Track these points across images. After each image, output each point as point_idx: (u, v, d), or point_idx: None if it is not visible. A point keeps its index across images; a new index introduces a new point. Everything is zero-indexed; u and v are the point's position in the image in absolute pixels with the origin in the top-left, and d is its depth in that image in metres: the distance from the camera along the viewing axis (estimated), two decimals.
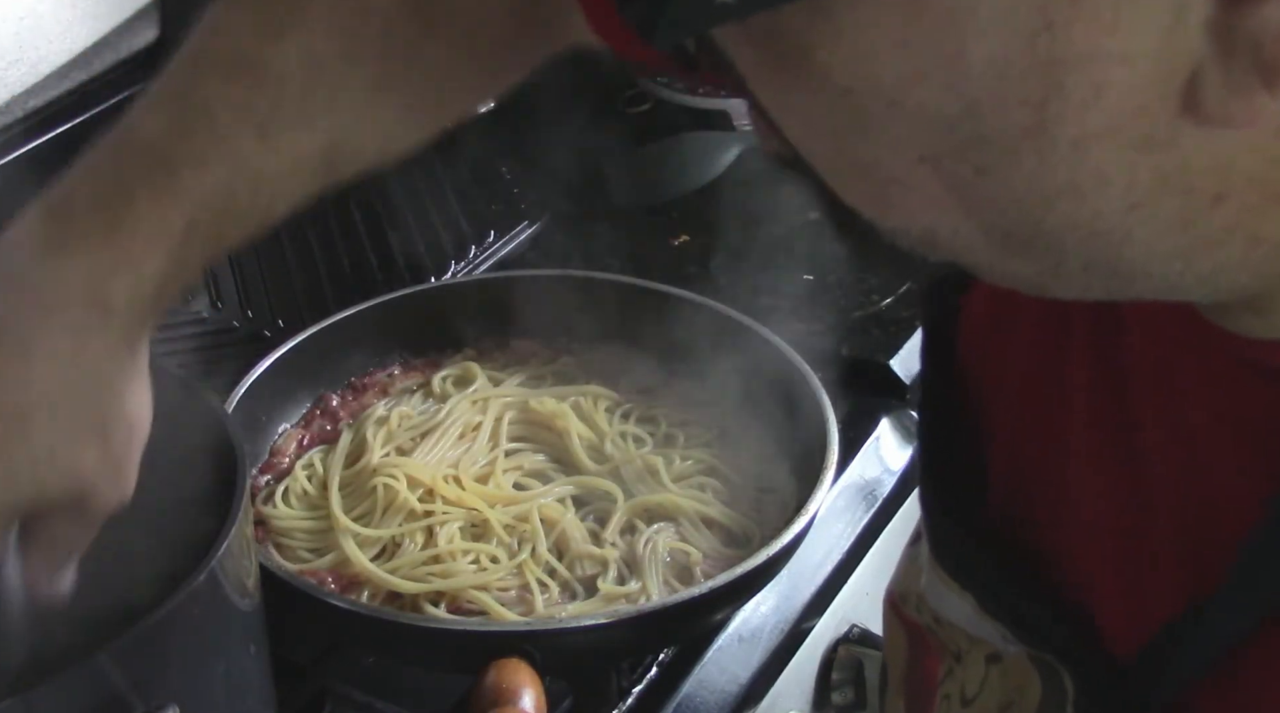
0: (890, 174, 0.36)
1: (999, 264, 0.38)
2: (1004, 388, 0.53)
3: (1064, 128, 0.33)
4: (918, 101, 0.33)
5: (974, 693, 0.54)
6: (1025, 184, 0.34)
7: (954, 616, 0.54)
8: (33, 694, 0.52)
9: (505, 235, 1.10)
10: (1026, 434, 0.52)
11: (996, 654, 0.52)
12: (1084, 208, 0.34)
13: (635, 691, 0.78)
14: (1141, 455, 0.45)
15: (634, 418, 0.89)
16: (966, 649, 0.54)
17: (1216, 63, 0.31)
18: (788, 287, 1.07)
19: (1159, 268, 0.36)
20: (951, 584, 0.53)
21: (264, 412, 0.87)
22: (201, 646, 0.58)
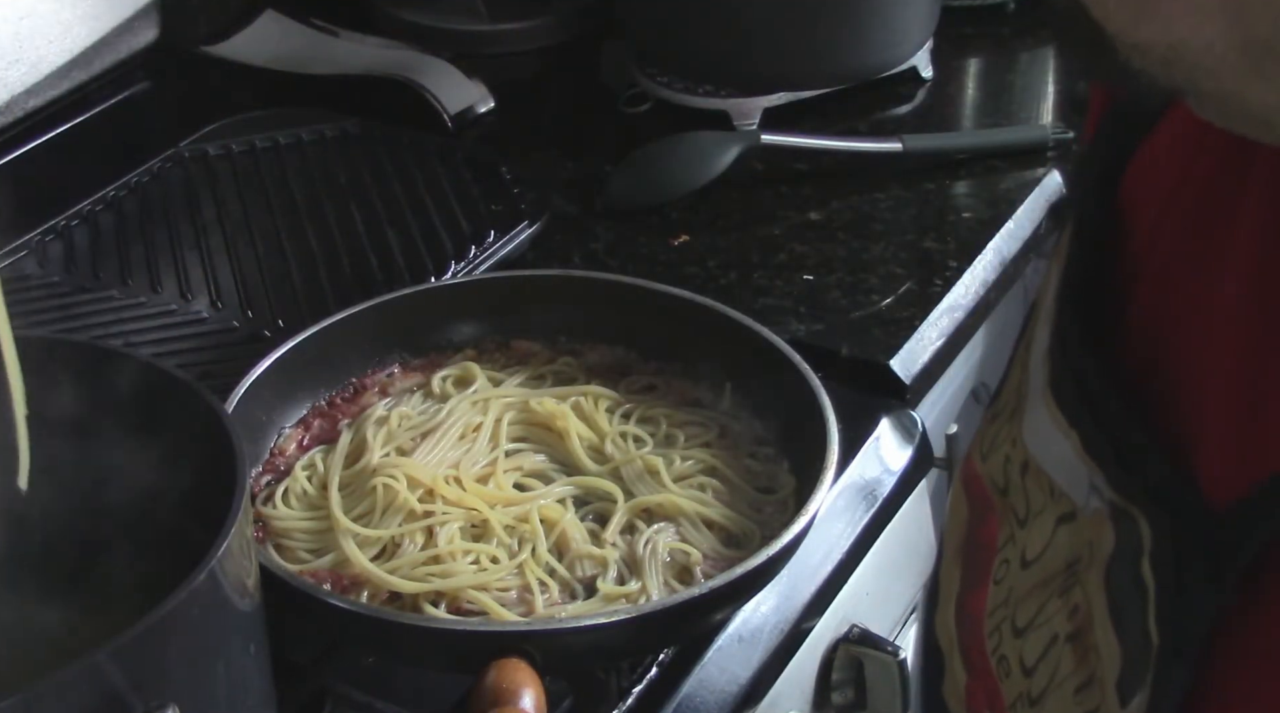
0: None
1: (1240, 89, 0.37)
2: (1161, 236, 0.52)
3: None
4: None
5: (1035, 555, 0.54)
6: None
7: (1048, 461, 0.53)
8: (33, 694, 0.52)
9: (505, 235, 1.10)
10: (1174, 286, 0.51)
11: (1071, 513, 0.52)
12: None
13: (635, 691, 0.78)
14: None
15: (634, 418, 0.89)
16: (1038, 509, 0.53)
17: None
18: (788, 287, 1.07)
19: None
20: (1060, 422, 0.52)
21: (264, 412, 0.87)
22: (201, 646, 0.58)
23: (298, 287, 1.06)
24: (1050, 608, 0.53)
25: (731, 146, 1.17)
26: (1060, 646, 0.52)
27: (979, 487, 0.59)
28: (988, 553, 0.57)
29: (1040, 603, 0.53)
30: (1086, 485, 0.51)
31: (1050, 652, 0.53)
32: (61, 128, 1.16)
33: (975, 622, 0.58)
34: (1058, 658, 0.52)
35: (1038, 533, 0.53)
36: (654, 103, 1.30)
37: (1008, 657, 0.56)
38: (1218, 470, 0.46)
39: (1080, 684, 0.51)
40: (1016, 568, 0.55)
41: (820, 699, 0.89)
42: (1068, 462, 0.52)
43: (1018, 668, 0.55)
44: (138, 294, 1.06)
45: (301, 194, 1.18)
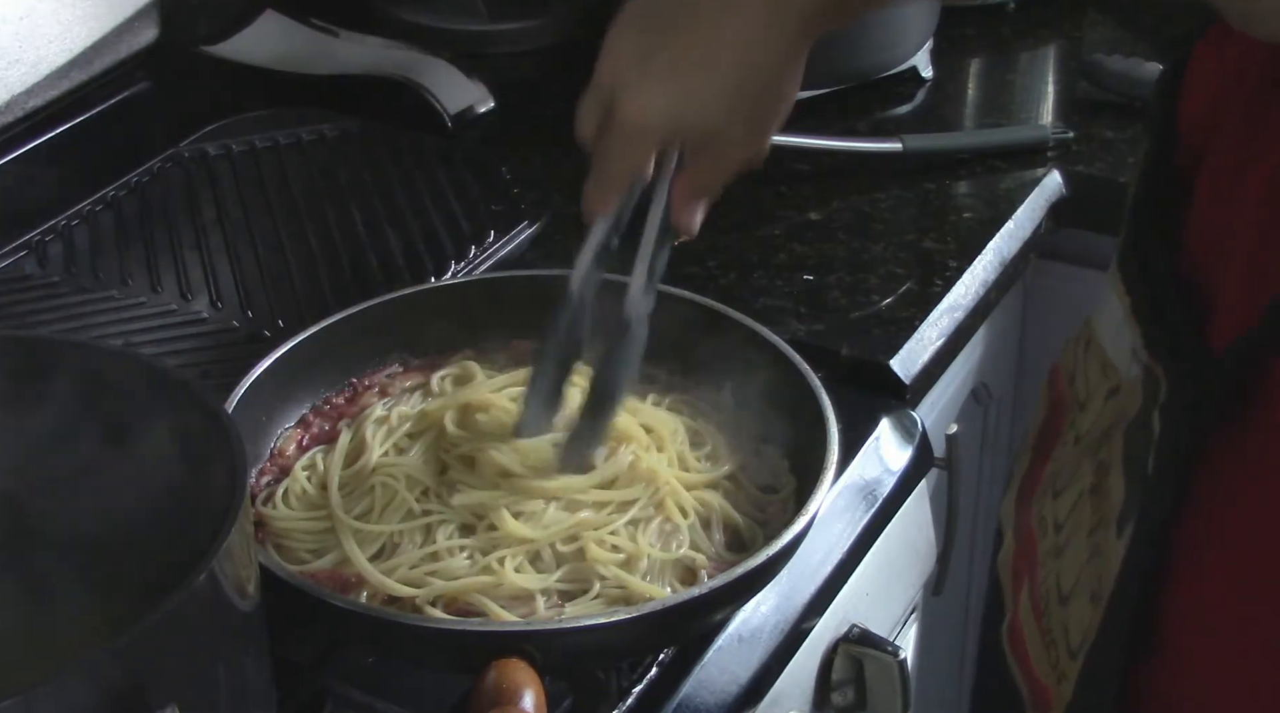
0: None
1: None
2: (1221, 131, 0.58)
3: None
4: None
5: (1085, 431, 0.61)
6: None
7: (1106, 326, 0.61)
8: (33, 694, 0.52)
9: (505, 235, 1.10)
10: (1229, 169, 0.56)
11: (1116, 388, 0.58)
12: None
13: (635, 691, 0.78)
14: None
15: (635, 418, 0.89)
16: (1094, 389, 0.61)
17: None
18: (787, 287, 1.07)
19: None
20: (1119, 287, 0.60)
21: (264, 412, 0.87)
22: (201, 646, 0.58)
23: (298, 287, 1.06)
24: (1084, 468, 0.60)
25: None
26: (1084, 498, 0.59)
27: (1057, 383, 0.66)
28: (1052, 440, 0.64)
29: (1077, 466, 0.60)
30: (1129, 351, 0.57)
31: (1077, 506, 0.59)
32: (61, 128, 1.16)
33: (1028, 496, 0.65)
34: (1081, 510, 0.59)
35: (1091, 411, 0.60)
36: None
37: (1045, 518, 0.63)
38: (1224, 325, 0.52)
39: (1093, 527, 0.57)
40: (1070, 445, 0.62)
41: (820, 699, 0.89)
42: (1118, 327, 0.59)
43: (1052, 526, 0.62)
44: (138, 294, 1.06)
45: (301, 194, 1.18)
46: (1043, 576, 0.62)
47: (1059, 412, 0.66)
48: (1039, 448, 0.67)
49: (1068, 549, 0.60)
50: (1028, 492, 0.66)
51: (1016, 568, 0.66)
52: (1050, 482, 0.63)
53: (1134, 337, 0.58)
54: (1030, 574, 0.63)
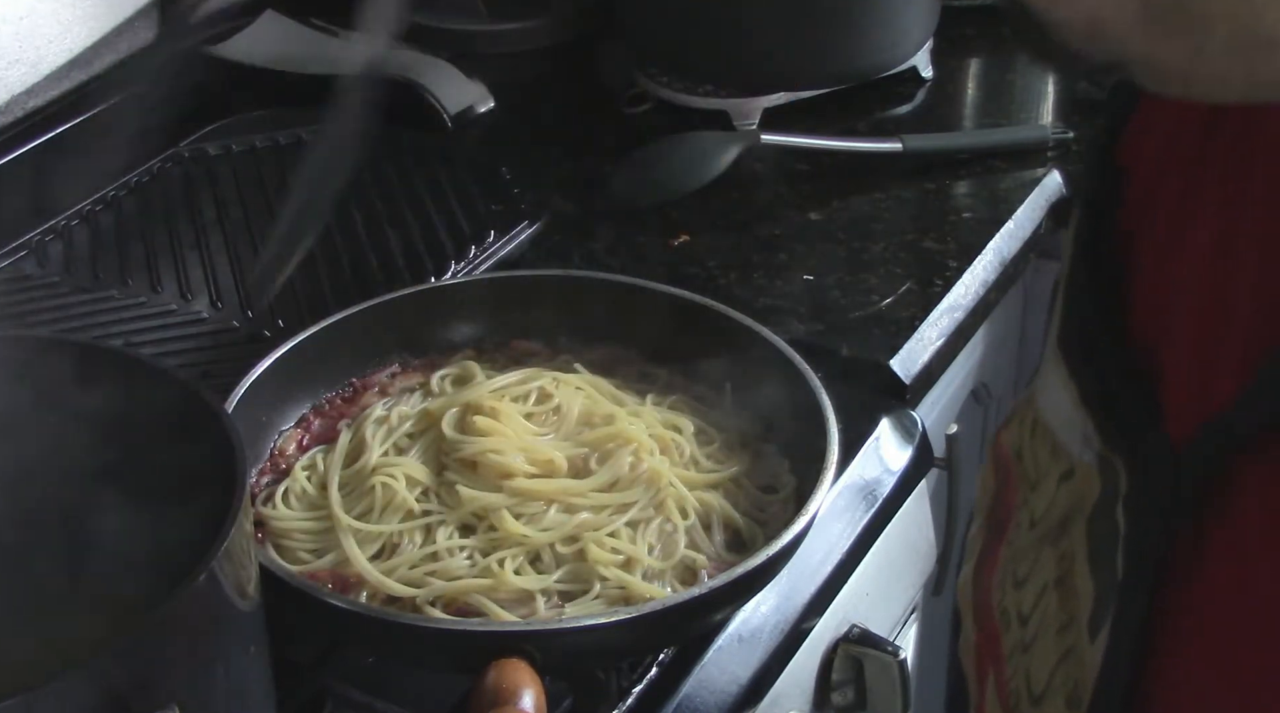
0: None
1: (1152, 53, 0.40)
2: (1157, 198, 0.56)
3: None
4: None
5: (1040, 515, 0.57)
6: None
7: (1053, 412, 0.57)
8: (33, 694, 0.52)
9: (505, 235, 1.10)
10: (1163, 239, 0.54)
11: (1069, 471, 0.55)
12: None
13: (635, 691, 0.78)
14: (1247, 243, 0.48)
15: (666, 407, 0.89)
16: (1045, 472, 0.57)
17: None
18: (788, 287, 1.07)
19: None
20: (1062, 373, 0.56)
21: (264, 412, 0.87)
22: (201, 646, 0.58)
23: (298, 287, 1.06)
24: (1044, 558, 0.56)
25: (731, 146, 1.17)
26: (1049, 592, 0.56)
27: (1004, 457, 0.62)
28: (1005, 518, 0.61)
29: (1037, 555, 0.57)
30: (1080, 438, 0.54)
31: (1041, 600, 0.56)
32: (61, 128, 1.16)
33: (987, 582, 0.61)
34: (1047, 605, 0.56)
35: (1044, 493, 0.57)
36: (654, 103, 1.30)
37: (1009, 609, 0.59)
38: (1180, 412, 0.50)
39: (1061, 626, 0.54)
40: (1025, 529, 0.58)
41: (820, 699, 0.89)
42: (1067, 414, 0.55)
43: (1015, 619, 0.59)
44: (138, 294, 1.06)
45: None
46: (1010, 671, 0.59)
47: (1009, 487, 0.62)
48: (993, 525, 0.64)
49: (1036, 646, 0.57)
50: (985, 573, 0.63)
51: (980, 659, 0.63)
52: (1009, 568, 0.60)
53: (1084, 424, 0.55)
54: (996, 668, 0.61)
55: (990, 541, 0.63)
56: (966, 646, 0.65)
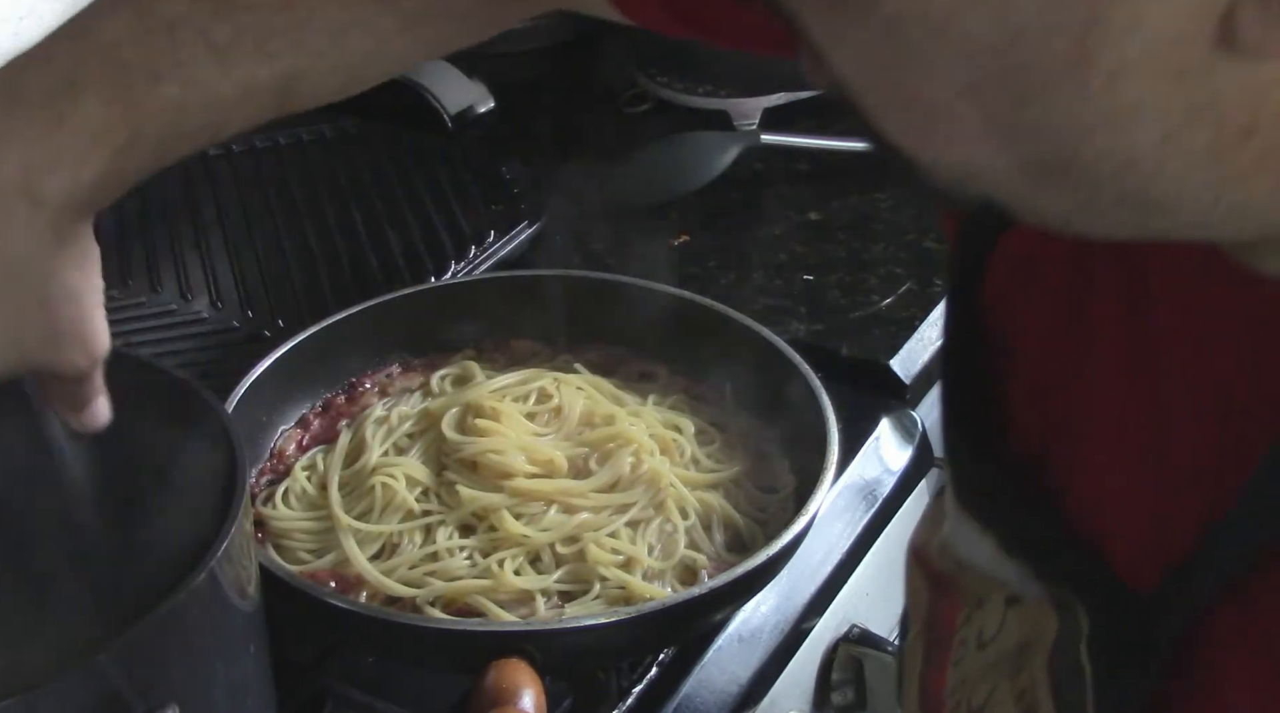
0: (932, 105, 0.37)
1: (1032, 199, 0.39)
2: (1027, 333, 0.54)
3: (1102, 58, 0.33)
4: (963, 29, 0.34)
5: (991, 636, 0.54)
6: (1063, 114, 0.35)
7: (976, 559, 0.54)
8: (33, 695, 0.52)
9: (505, 235, 1.10)
10: (1047, 377, 0.52)
11: (1015, 597, 0.52)
12: (1119, 138, 0.35)
13: (635, 691, 0.78)
14: (1162, 388, 0.46)
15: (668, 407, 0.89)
16: (987, 594, 0.54)
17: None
18: (788, 287, 1.07)
19: (1189, 202, 0.37)
20: (973, 524, 0.54)
21: (264, 412, 0.87)
22: (201, 646, 0.58)
23: (298, 287, 1.06)
24: (1001, 690, 0.53)
25: (731, 146, 1.17)
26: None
27: (932, 569, 0.59)
28: (948, 631, 0.57)
29: (993, 685, 0.54)
30: (1017, 577, 0.52)
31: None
32: None
33: (936, 701, 0.58)
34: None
35: (991, 614, 0.54)
36: (654, 103, 1.30)
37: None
38: (1130, 557, 0.47)
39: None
40: (973, 649, 0.55)
41: (820, 699, 0.89)
42: (993, 559, 0.53)
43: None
44: (138, 294, 1.06)
45: (301, 194, 1.18)
46: None
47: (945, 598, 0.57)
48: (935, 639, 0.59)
49: None
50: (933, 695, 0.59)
51: None
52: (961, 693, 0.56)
53: (1018, 569, 0.51)
54: None
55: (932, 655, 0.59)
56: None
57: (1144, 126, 0.35)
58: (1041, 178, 0.37)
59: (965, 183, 0.39)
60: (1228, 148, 0.35)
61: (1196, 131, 0.35)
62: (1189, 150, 0.35)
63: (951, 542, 0.56)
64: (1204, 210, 0.37)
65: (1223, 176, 0.36)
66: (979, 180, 0.39)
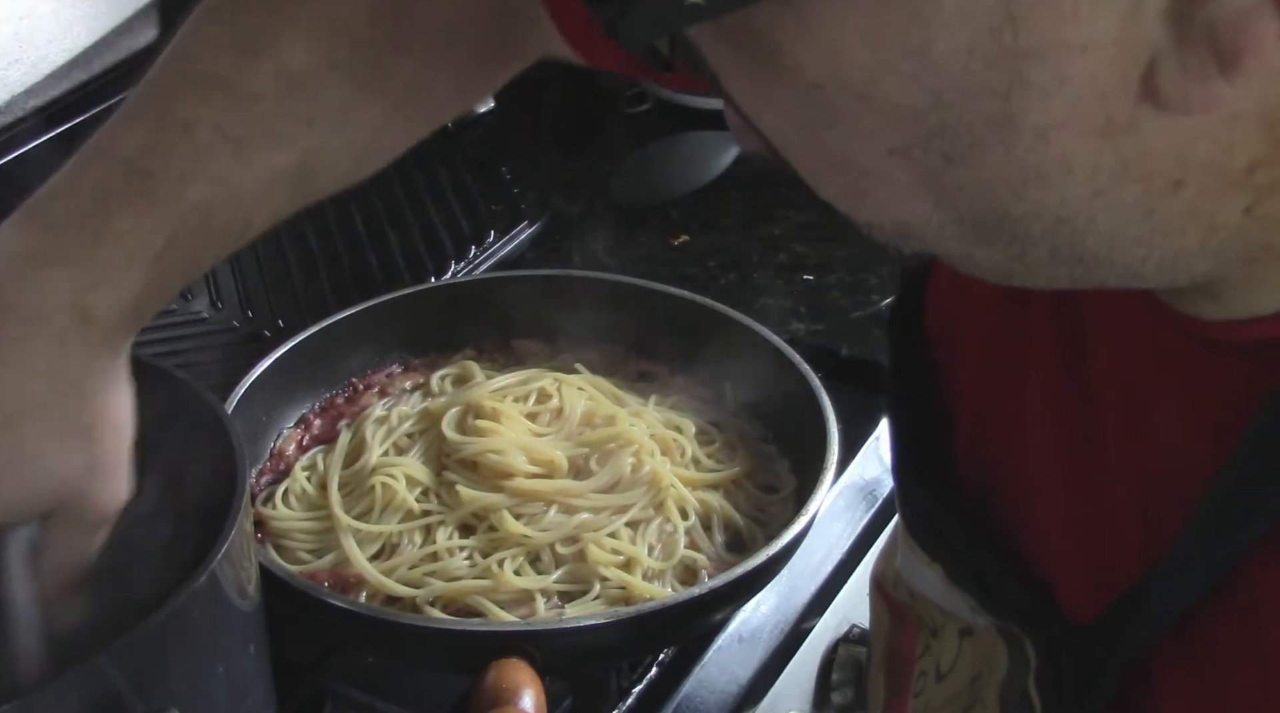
0: (863, 167, 0.37)
1: (970, 253, 0.39)
2: (967, 365, 0.54)
3: (1028, 117, 0.33)
4: (885, 94, 0.34)
5: (948, 668, 0.55)
6: (992, 172, 0.35)
7: (926, 588, 0.55)
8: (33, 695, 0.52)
9: (505, 235, 1.10)
10: (988, 408, 0.53)
11: (968, 628, 0.53)
12: (1050, 195, 0.35)
13: (635, 691, 0.78)
14: (1099, 428, 0.46)
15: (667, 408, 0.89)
16: (941, 625, 0.55)
17: (1174, 50, 0.32)
18: (788, 287, 1.07)
19: (1122, 255, 0.37)
20: (922, 555, 0.54)
21: (264, 412, 0.87)
22: (201, 646, 0.58)
23: (298, 287, 1.06)
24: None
25: (731, 147, 1.17)
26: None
27: (892, 599, 0.59)
28: (908, 663, 0.58)
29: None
30: (966, 608, 0.52)
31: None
32: (61, 128, 1.15)
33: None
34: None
35: (948, 645, 0.54)
36: (654, 103, 1.30)
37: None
38: (1072, 592, 0.47)
39: None
40: (933, 681, 0.56)
41: (820, 699, 0.89)
42: (941, 590, 0.53)
43: None
44: None
45: None
46: None
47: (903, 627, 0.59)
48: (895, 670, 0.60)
49: None
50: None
51: None
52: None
53: (965, 599, 0.52)
54: None
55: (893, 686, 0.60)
56: None
57: (1074, 182, 0.35)
58: (977, 234, 0.37)
59: (903, 240, 0.39)
60: (1158, 201, 0.35)
61: (1126, 186, 0.35)
62: (1120, 204, 0.35)
63: (902, 571, 0.57)
64: (1137, 263, 0.37)
65: (1154, 230, 0.36)
66: (917, 238, 0.39)
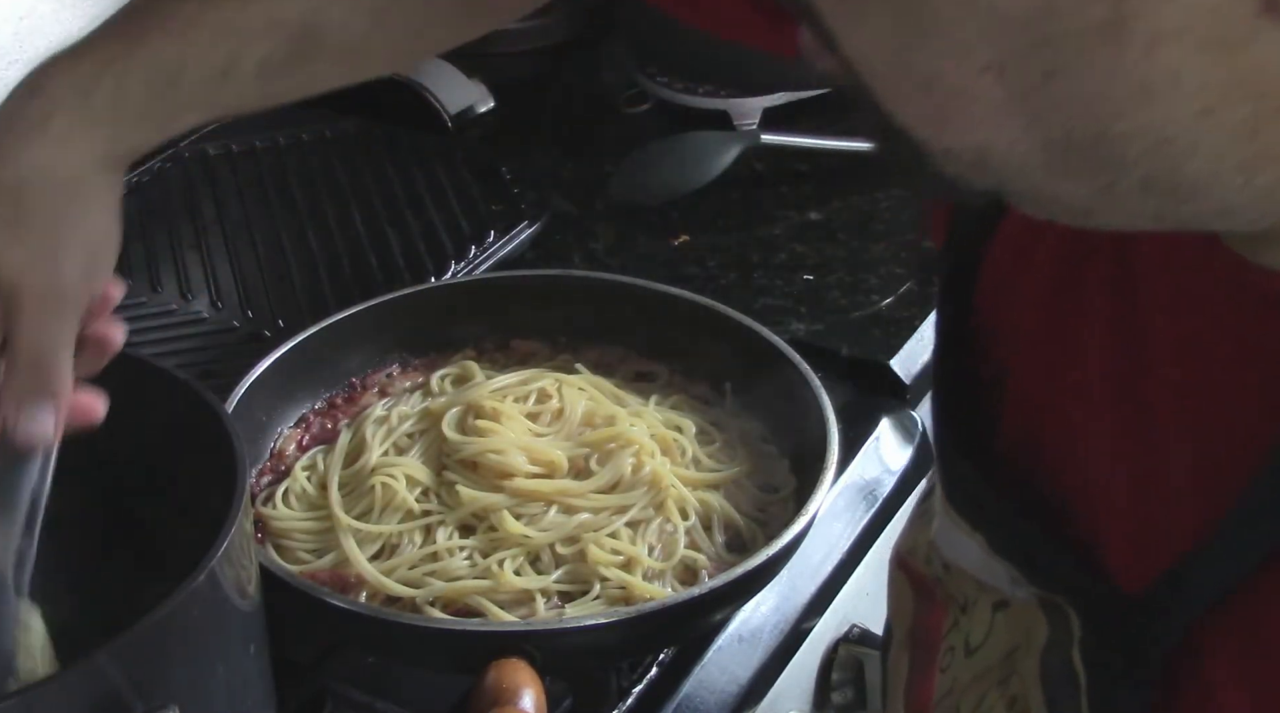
0: (952, 86, 0.35)
1: (1049, 186, 0.37)
2: (1021, 331, 0.53)
3: (1139, 24, 0.32)
4: (991, 3, 0.33)
5: (979, 642, 0.54)
6: (1095, 87, 0.34)
7: (964, 560, 0.54)
8: (33, 694, 0.52)
9: (505, 235, 1.10)
10: (1041, 376, 0.52)
11: (1004, 601, 0.52)
12: (1153, 112, 0.34)
13: (635, 691, 0.78)
14: (1156, 392, 0.45)
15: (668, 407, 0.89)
16: (974, 599, 0.54)
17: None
18: (788, 287, 1.07)
19: (1219, 184, 0.35)
20: (962, 525, 0.53)
21: (264, 412, 0.87)
22: (201, 646, 0.58)
23: (298, 287, 1.06)
24: (991, 698, 0.53)
25: (731, 146, 1.17)
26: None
27: (918, 576, 0.59)
28: (934, 638, 0.57)
29: (982, 693, 0.53)
30: (1007, 579, 0.51)
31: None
32: None
33: (923, 706, 0.58)
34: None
35: (979, 619, 0.53)
36: (654, 103, 1.30)
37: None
38: (1123, 561, 0.47)
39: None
40: (961, 656, 0.55)
41: (820, 699, 0.89)
42: (980, 560, 0.52)
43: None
44: (138, 294, 1.06)
45: (301, 194, 1.18)
46: None
47: (931, 605, 0.58)
48: (921, 646, 0.59)
49: None
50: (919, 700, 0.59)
51: None
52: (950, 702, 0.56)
53: (1006, 569, 0.51)
54: None
55: (919, 662, 0.59)
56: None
57: (1181, 99, 0.33)
58: (1065, 160, 0.36)
59: (979, 171, 0.38)
60: (1266, 123, 0.34)
61: (1236, 105, 0.33)
62: (1226, 125, 0.34)
63: (939, 543, 0.56)
64: (1232, 193, 0.36)
65: (1258, 155, 0.34)
66: (995, 167, 0.37)
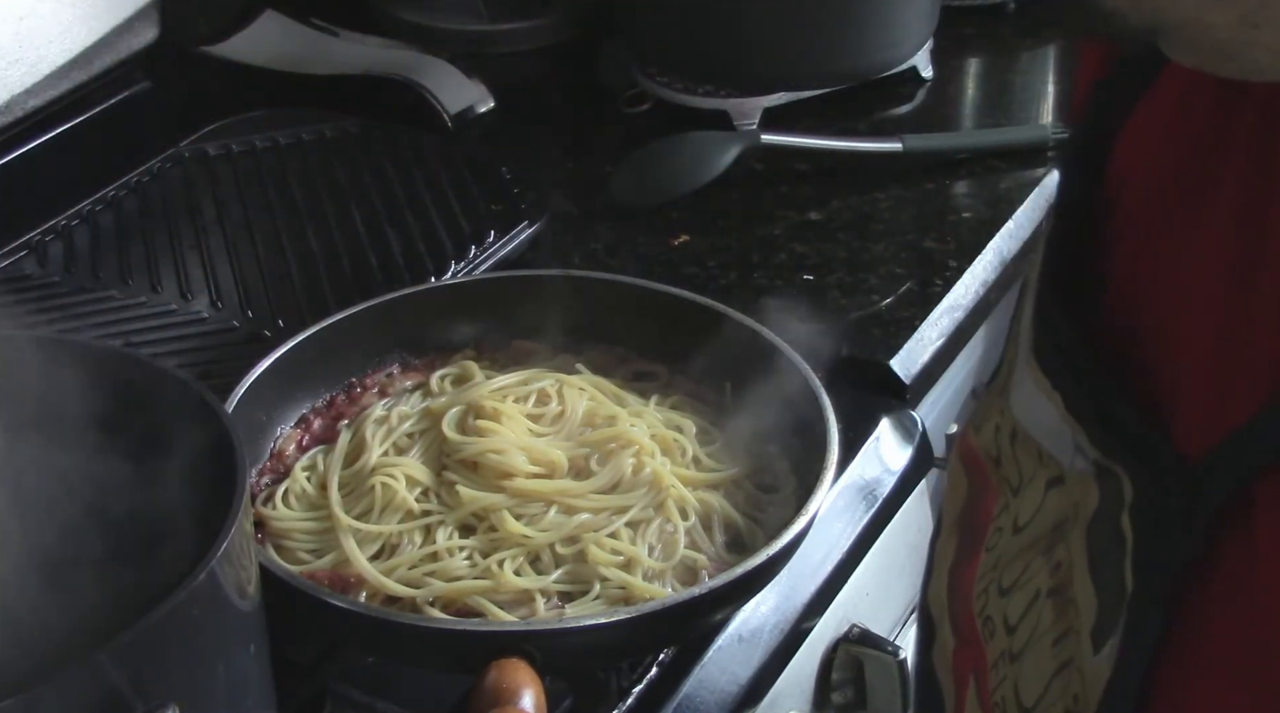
0: None
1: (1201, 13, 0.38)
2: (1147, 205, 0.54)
3: None
4: None
5: (1026, 521, 0.55)
6: None
7: (1035, 424, 0.55)
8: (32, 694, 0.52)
9: (505, 235, 1.10)
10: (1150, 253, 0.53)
11: (1059, 477, 0.53)
12: None
13: (635, 691, 0.78)
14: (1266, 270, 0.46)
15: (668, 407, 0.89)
16: (1030, 477, 0.55)
17: None
18: (788, 287, 1.07)
19: None
20: (1043, 382, 0.54)
21: (264, 412, 0.87)
22: (201, 646, 0.58)
23: (298, 287, 1.06)
24: (1035, 566, 0.55)
25: (731, 146, 1.17)
26: (1041, 601, 0.54)
27: (975, 461, 0.60)
28: (983, 524, 0.59)
29: (1026, 563, 0.55)
30: (1071, 446, 0.53)
31: (1032, 608, 0.55)
32: (61, 128, 1.16)
33: (966, 589, 0.59)
34: (1038, 614, 0.54)
35: (1029, 500, 0.55)
36: (654, 103, 1.30)
37: (993, 617, 0.57)
38: (1192, 424, 0.48)
39: (1058, 637, 0.53)
40: (1009, 535, 0.56)
41: (820, 699, 0.89)
42: (1052, 424, 0.54)
43: (1001, 627, 0.57)
44: (138, 294, 1.06)
45: (301, 194, 1.18)
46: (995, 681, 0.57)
47: (984, 491, 0.60)
48: (968, 530, 0.61)
49: (1027, 656, 0.55)
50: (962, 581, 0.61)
51: (959, 666, 0.61)
52: (993, 575, 0.58)
53: (1075, 434, 0.52)
54: (978, 676, 0.59)
55: (965, 547, 0.61)
56: (942, 654, 0.63)
57: None
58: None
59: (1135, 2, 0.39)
60: None
61: None
62: None
63: (1013, 406, 0.57)
64: None
65: None
66: None
